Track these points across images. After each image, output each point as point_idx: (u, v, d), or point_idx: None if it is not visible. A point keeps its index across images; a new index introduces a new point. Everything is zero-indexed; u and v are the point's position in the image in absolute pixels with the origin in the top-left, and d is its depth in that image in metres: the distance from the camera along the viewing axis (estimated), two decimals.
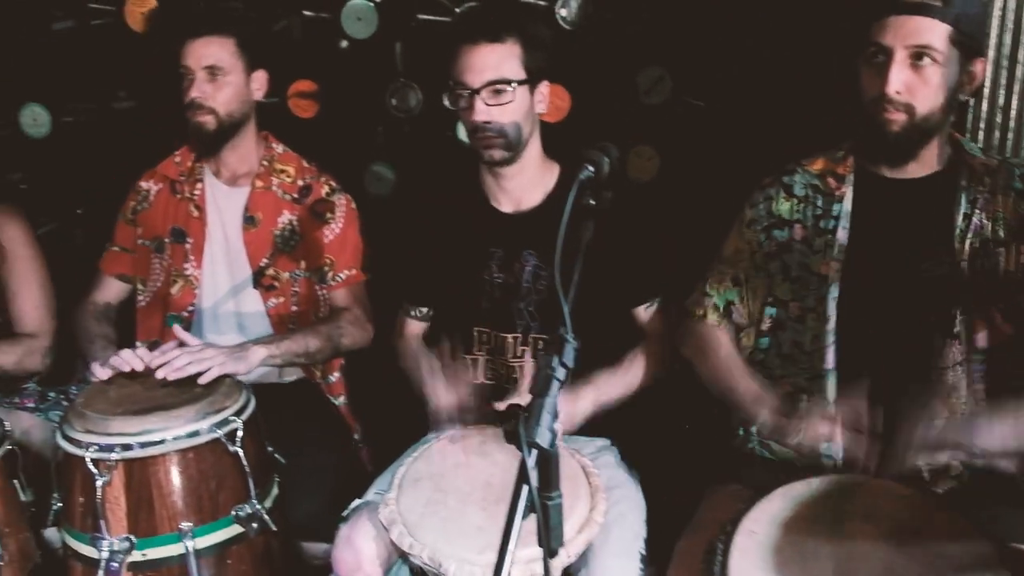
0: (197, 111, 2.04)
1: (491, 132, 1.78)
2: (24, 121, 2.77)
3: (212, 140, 2.08)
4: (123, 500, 1.60)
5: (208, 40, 2.03)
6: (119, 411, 1.65)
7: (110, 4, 2.65)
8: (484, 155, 1.82)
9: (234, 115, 2.08)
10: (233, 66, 2.05)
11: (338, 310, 2.14)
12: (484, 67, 1.74)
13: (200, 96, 2.03)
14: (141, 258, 2.22)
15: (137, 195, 2.23)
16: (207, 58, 2.03)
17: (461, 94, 1.79)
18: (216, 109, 2.05)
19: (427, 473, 1.64)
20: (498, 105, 1.76)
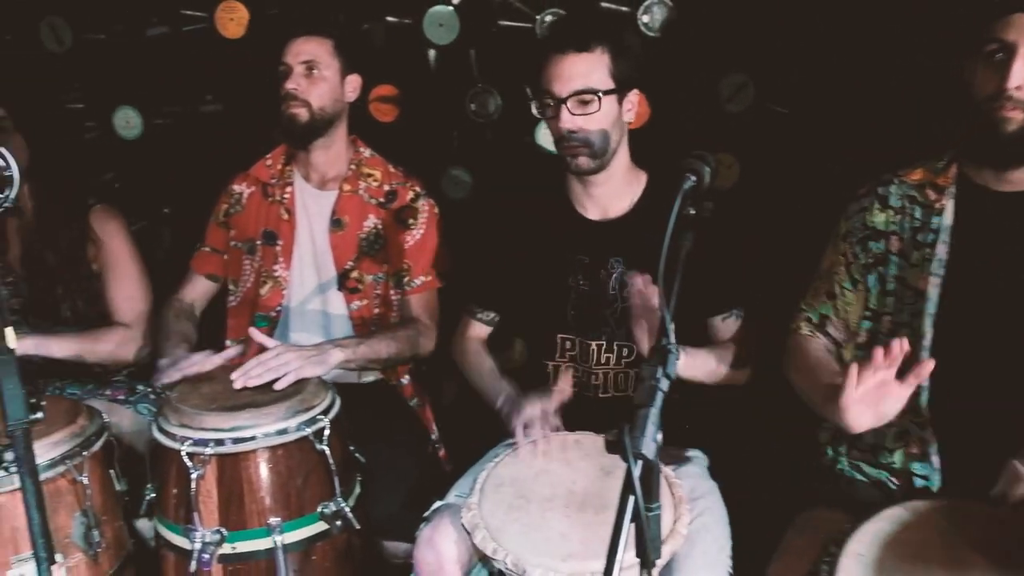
0: (291, 103, 2.09)
1: (577, 141, 1.77)
2: (117, 123, 2.88)
3: (303, 133, 2.13)
4: (215, 494, 1.64)
5: (308, 39, 2.10)
6: (212, 407, 1.69)
7: (202, 11, 2.73)
8: (571, 164, 1.81)
9: (326, 111, 2.12)
10: (329, 64, 2.11)
11: (410, 317, 2.17)
12: (571, 76, 1.74)
13: (295, 88, 2.08)
14: (232, 259, 2.27)
15: (230, 198, 2.29)
16: (305, 54, 2.09)
17: (548, 103, 1.79)
18: (310, 102, 2.09)
19: (509, 478, 1.64)
20: (584, 115, 1.75)
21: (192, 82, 2.82)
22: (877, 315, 1.70)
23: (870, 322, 1.72)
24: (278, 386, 1.77)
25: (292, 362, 1.80)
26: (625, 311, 1.87)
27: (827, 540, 1.40)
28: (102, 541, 1.69)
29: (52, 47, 2.82)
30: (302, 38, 2.10)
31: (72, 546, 1.64)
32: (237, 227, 2.26)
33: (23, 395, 1.26)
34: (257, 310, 2.22)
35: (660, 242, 1.82)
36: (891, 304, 1.67)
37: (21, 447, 1.23)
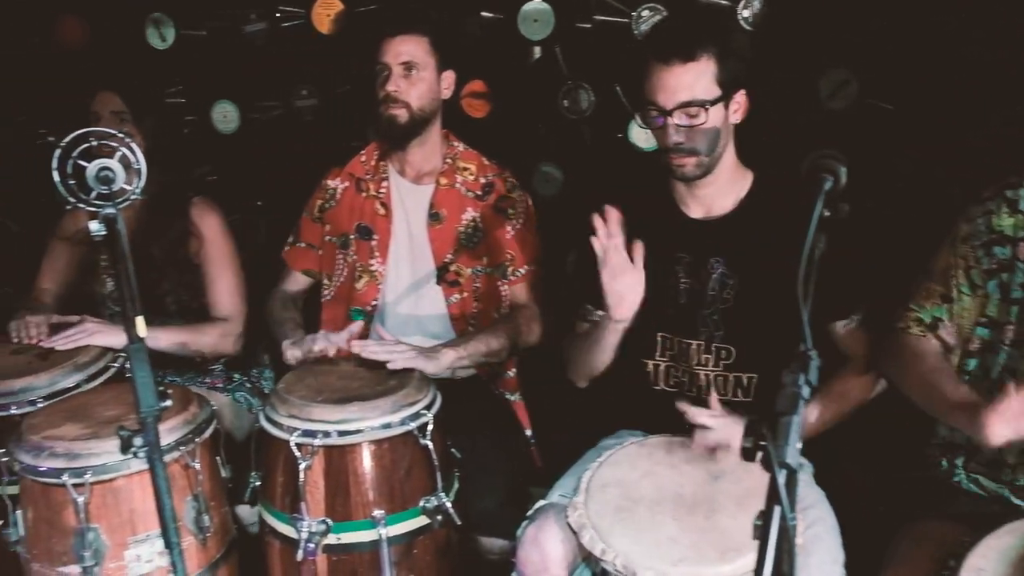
0: (391, 104, 2.10)
1: (683, 152, 1.73)
2: (215, 117, 2.95)
3: (402, 133, 2.14)
4: (322, 484, 1.67)
5: (405, 38, 2.09)
6: (320, 399, 1.71)
7: (299, 7, 2.77)
8: (676, 172, 1.77)
9: (424, 110, 2.13)
10: (427, 63, 2.11)
11: (516, 308, 2.17)
12: (677, 88, 1.69)
13: (396, 90, 2.09)
14: (327, 254, 2.30)
15: (324, 193, 2.31)
16: (403, 55, 2.09)
17: (652, 113, 1.75)
18: (409, 103, 2.10)
19: (614, 480, 1.62)
20: (691, 126, 1.71)
21: (288, 77, 2.87)
22: (997, 324, 1.62)
23: (987, 330, 1.64)
24: (391, 365, 1.81)
25: (407, 352, 1.84)
26: (725, 312, 1.84)
27: (943, 553, 1.35)
28: (211, 526, 1.73)
29: (156, 43, 2.90)
30: (399, 37, 2.09)
31: (184, 529, 1.68)
32: (331, 222, 2.29)
33: (154, 383, 1.30)
34: (352, 304, 2.24)
35: (764, 242, 1.80)
36: (1015, 313, 1.60)
37: (152, 433, 1.26)
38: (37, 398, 1.90)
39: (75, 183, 1.40)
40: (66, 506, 1.58)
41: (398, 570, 1.70)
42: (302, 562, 1.67)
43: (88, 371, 2.00)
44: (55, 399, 1.90)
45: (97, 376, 2.02)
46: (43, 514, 1.62)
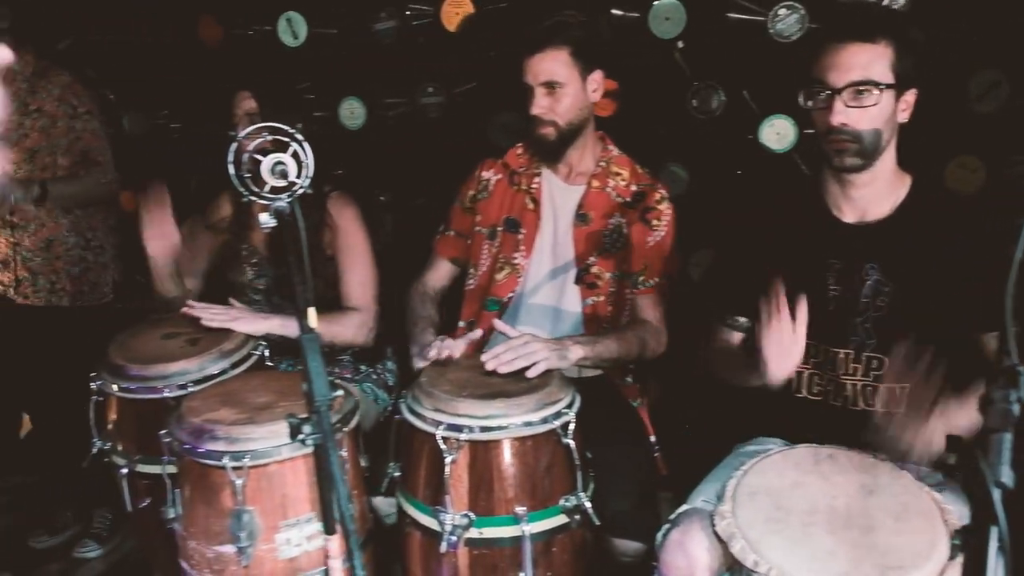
0: (540, 125, 2.11)
1: (846, 136, 1.68)
2: (342, 113, 3.02)
3: (554, 149, 2.16)
4: (466, 478, 1.68)
5: (543, 56, 2.08)
6: (464, 394, 1.73)
7: (428, 6, 2.81)
8: (834, 160, 1.73)
9: (573, 123, 2.13)
10: (569, 77, 2.09)
11: (642, 318, 2.15)
12: (851, 67, 1.65)
13: (541, 112, 2.10)
14: (475, 244, 2.33)
15: (477, 184, 2.34)
16: (543, 74, 2.08)
17: (819, 93, 1.71)
18: (556, 121, 2.11)
19: (762, 488, 1.58)
20: (859, 108, 1.66)
21: (414, 74, 2.91)
22: None
23: None
24: (530, 374, 1.80)
25: (540, 352, 1.82)
26: (878, 320, 1.77)
27: None
28: (355, 515, 1.76)
29: (288, 41, 2.99)
30: (537, 55, 2.08)
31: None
32: (482, 212, 2.32)
33: (326, 373, 1.33)
34: (490, 294, 2.26)
35: (923, 250, 1.73)
36: None
37: (326, 422, 1.29)
38: (188, 382, 1.98)
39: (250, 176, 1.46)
40: (224, 488, 1.64)
41: (536, 568, 1.70)
42: (444, 554, 1.69)
43: (233, 358, 2.07)
44: (203, 384, 1.98)
45: (240, 363, 2.09)
46: (201, 494, 1.68)
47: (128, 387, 1.99)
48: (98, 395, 2.04)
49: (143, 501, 2.03)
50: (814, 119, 1.76)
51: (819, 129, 1.75)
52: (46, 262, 2.76)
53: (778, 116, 2.51)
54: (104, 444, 2.06)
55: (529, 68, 2.10)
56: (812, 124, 1.78)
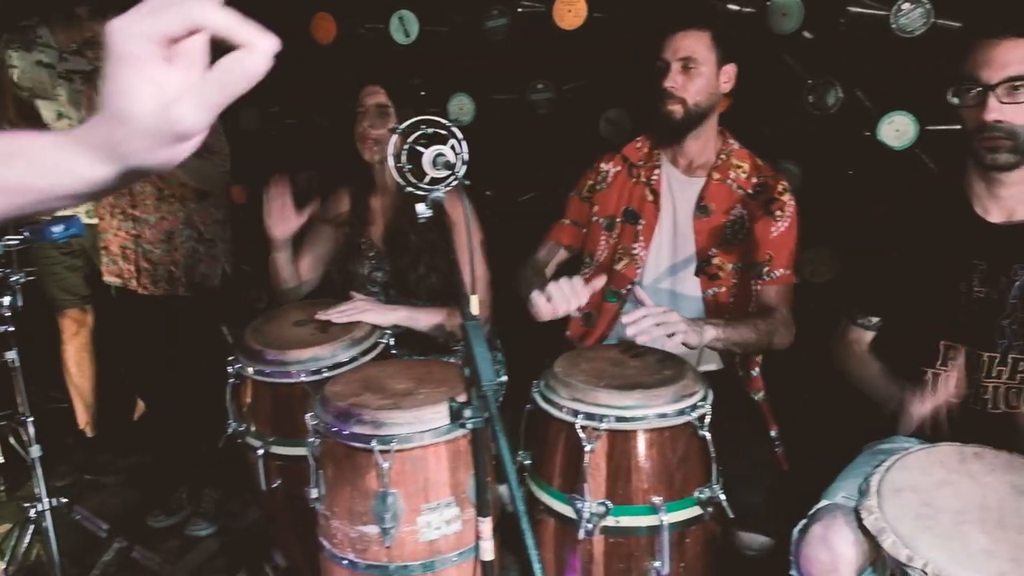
0: (668, 100, 2.12)
1: (1000, 133, 1.65)
2: (452, 110, 3.07)
3: (678, 128, 2.16)
4: (604, 467, 1.71)
5: (686, 33, 2.11)
6: (602, 384, 1.75)
7: (539, 3, 2.84)
8: (986, 158, 1.70)
9: (701, 105, 2.13)
10: (707, 59, 2.11)
11: (770, 308, 2.14)
12: (1006, 63, 1.62)
13: (673, 86, 2.11)
14: (591, 234, 2.35)
15: (596, 175, 2.36)
16: (683, 50, 2.10)
17: (969, 90, 1.68)
18: (686, 99, 2.12)
19: (908, 485, 1.57)
20: (1014, 104, 1.63)
21: (525, 70, 2.95)
22: None
23: None
24: (670, 344, 1.82)
25: (679, 323, 1.84)
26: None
27: None
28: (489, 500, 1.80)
29: (400, 39, 3.06)
30: (680, 33, 2.11)
31: (467, 501, 1.76)
32: (600, 203, 2.34)
33: (491, 359, 1.36)
34: (609, 284, 2.28)
35: None
36: None
37: (493, 406, 1.33)
38: (321, 368, 2.05)
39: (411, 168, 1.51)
40: (370, 470, 1.70)
41: (671, 558, 1.72)
42: (579, 541, 1.72)
43: (362, 346, 2.14)
44: (335, 370, 2.05)
45: (369, 351, 2.15)
46: (346, 475, 1.74)
47: (264, 371, 2.07)
48: (235, 378, 2.13)
49: (275, 481, 2.10)
50: (963, 116, 1.73)
51: (969, 126, 1.72)
52: (165, 253, 2.88)
53: (898, 112, 2.48)
54: (239, 426, 2.14)
55: (669, 44, 2.12)
56: (960, 121, 1.74)
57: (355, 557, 1.74)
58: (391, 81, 2.39)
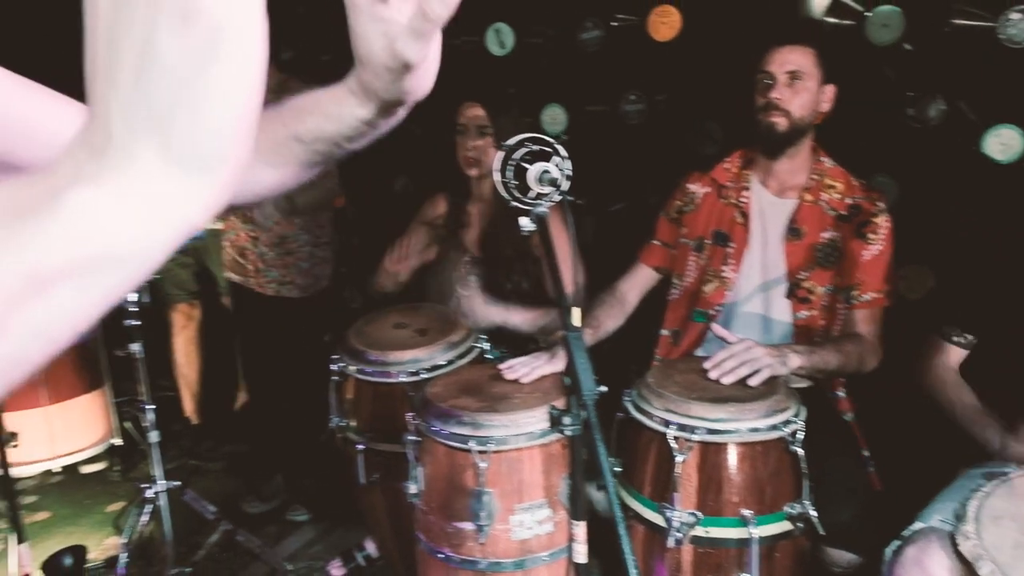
0: (772, 112, 2.13)
1: None
2: (544, 120, 3.14)
3: (780, 141, 2.16)
4: (695, 478, 1.74)
5: (794, 48, 2.11)
6: (694, 396, 1.79)
7: (634, 15, 2.88)
8: None
9: (804, 120, 2.13)
10: (812, 74, 2.11)
11: (858, 333, 2.12)
12: None
13: (779, 98, 2.11)
14: (680, 255, 2.38)
15: (684, 196, 2.38)
16: (791, 63, 2.11)
17: None
18: (790, 111, 2.12)
19: (1008, 513, 1.55)
20: None
21: (617, 82, 2.99)
22: None
23: None
24: (753, 382, 1.83)
25: (763, 359, 1.85)
26: None
27: None
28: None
29: (495, 50, 3.14)
30: (787, 47, 2.11)
31: (558, 503, 1.82)
32: (688, 224, 2.36)
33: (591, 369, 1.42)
34: (697, 306, 2.30)
35: None
36: None
37: (592, 414, 1.39)
38: (419, 370, 2.14)
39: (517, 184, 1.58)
40: (467, 469, 1.78)
41: (760, 571, 1.74)
42: (668, 550, 1.76)
43: (459, 350, 2.23)
44: (432, 372, 2.14)
45: (465, 355, 2.24)
46: (444, 473, 1.83)
47: (365, 370, 2.18)
48: (338, 376, 2.24)
49: (373, 475, 2.21)
50: None
51: None
52: (278, 257, 3.01)
53: (1005, 126, 2.42)
54: (340, 421, 2.26)
55: (775, 57, 2.13)
56: None
57: (450, 552, 1.82)
58: (489, 96, 2.47)
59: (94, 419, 3.38)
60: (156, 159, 0.35)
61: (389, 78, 0.66)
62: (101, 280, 0.37)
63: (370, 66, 0.66)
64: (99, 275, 0.37)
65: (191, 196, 0.37)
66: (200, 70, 0.35)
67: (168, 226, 0.37)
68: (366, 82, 0.68)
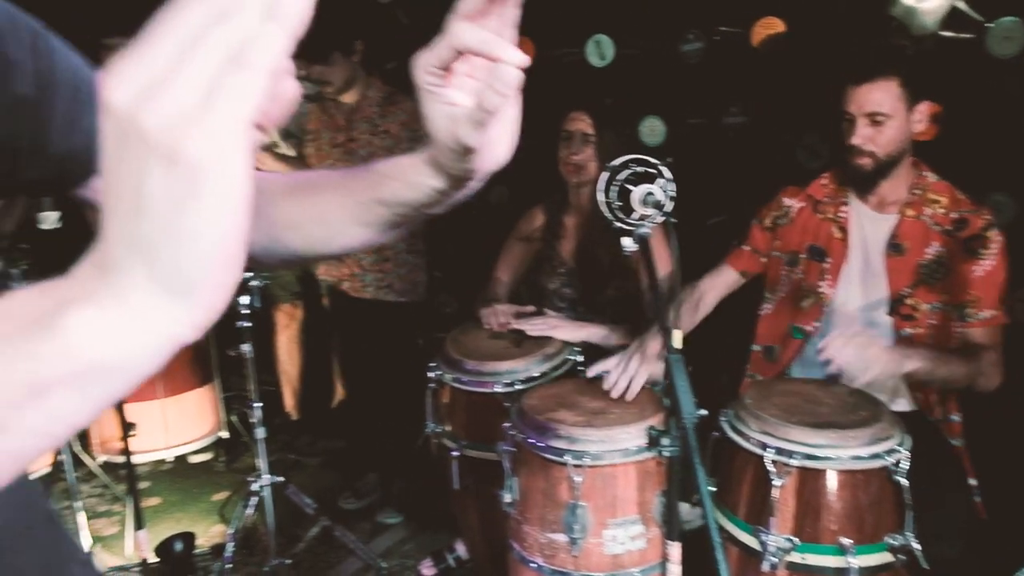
0: (856, 155, 2.08)
1: None
2: (643, 131, 3.14)
3: (868, 179, 2.12)
4: (792, 503, 1.72)
5: (871, 86, 2.04)
6: (794, 420, 1.77)
7: (738, 27, 2.85)
8: None
9: (892, 155, 2.07)
10: (895, 109, 2.03)
11: (978, 348, 2.05)
12: None
13: (861, 142, 2.06)
14: (771, 268, 2.35)
15: (778, 209, 2.35)
16: (870, 104, 2.04)
17: None
18: (875, 152, 2.07)
19: None
20: None
21: (719, 94, 2.96)
22: None
23: None
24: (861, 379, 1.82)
25: (878, 358, 1.83)
26: None
27: None
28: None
29: (594, 61, 3.16)
30: (865, 86, 2.04)
31: (652, 520, 1.83)
32: (782, 238, 2.33)
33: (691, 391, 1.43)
34: (794, 321, 2.27)
35: None
36: None
37: (692, 438, 1.40)
38: (515, 381, 2.18)
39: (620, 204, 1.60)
40: (562, 482, 1.80)
41: None
42: (763, 573, 1.74)
43: (554, 362, 2.26)
44: (527, 384, 2.18)
45: (559, 367, 2.27)
46: (540, 485, 1.86)
47: (461, 379, 2.24)
48: (435, 383, 2.31)
49: (466, 481, 2.27)
50: None
51: None
52: (375, 262, 3.09)
53: None
54: (436, 427, 2.32)
55: (854, 97, 2.07)
56: None
57: (543, 562, 1.86)
58: (595, 107, 2.49)
59: (204, 412, 3.57)
60: (146, 283, 0.40)
61: (454, 158, 0.69)
62: (94, 388, 0.43)
63: (437, 144, 0.69)
64: (93, 384, 0.42)
65: (176, 316, 0.41)
66: (182, 206, 0.39)
67: (156, 342, 0.42)
68: (435, 157, 0.70)
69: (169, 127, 0.38)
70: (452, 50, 0.63)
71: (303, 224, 0.84)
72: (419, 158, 0.73)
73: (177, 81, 0.38)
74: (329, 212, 0.81)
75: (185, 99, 0.38)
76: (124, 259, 0.40)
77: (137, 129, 0.38)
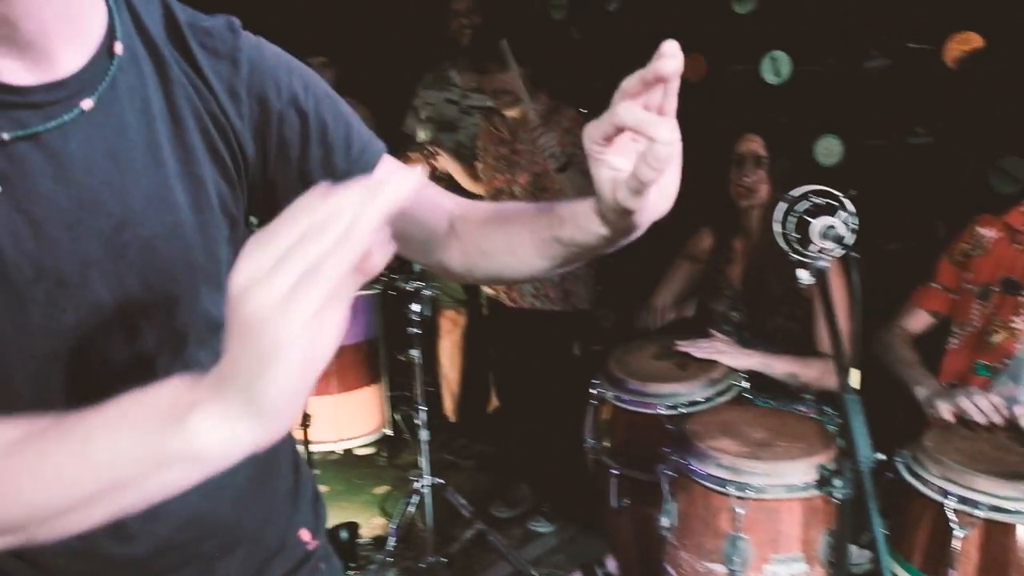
0: None
1: None
2: (818, 151, 3.03)
3: None
4: (975, 557, 1.62)
5: None
6: (980, 468, 1.66)
7: (929, 43, 2.70)
8: None
9: None
10: None
11: None
12: None
13: None
14: (962, 301, 2.22)
15: (971, 239, 2.22)
16: None
17: None
18: None
19: None
20: None
21: (903, 114, 2.82)
22: None
23: None
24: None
25: None
26: None
27: None
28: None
29: (770, 79, 3.08)
30: None
31: (816, 560, 1.78)
32: (975, 270, 2.19)
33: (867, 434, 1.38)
34: (980, 358, 2.13)
35: None
36: None
37: (867, 482, 1.35)
38: (678, 404, 2.18)
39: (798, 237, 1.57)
40: (723, 512, 1.79)
41: None
42: None
43: (718, 387, 2.23)
44: (691, 407, 2.16)
45: (724, 393, 2.24)
46: (699, 513, 1.85)
47: (623, 398, 2.25)
48: (597, 400, 2.34)
49: (624, 500, 2.28)
50: None
51: None
52: None
53: None
54: (596, 443, 2.35)
55: None
56: None
57: None
58: (769, 129, 2.44)
59: (372, 409, 3.77)
60: (240, 405, 0.57)
61: (616, 215, 0.78)
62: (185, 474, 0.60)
63: (601, 200, 0.78)
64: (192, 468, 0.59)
65: (253, 432, 0.58)
66: (265, 367, 0.55)
67: (236, 446, 0.58)
68: (602, 211, 0.80)
69: (259, 315, 0.54)
70: (613, 126, 0.72)
71: (495, 254, 0.97)
72: (590, 207, 0.82)
73: (273, 280, 0.53)
74: (517, 246, 0.94)
75: (275, 294, 0.53)
76: (230, 389, 0.57)
77: (239, 309, 0.54)
